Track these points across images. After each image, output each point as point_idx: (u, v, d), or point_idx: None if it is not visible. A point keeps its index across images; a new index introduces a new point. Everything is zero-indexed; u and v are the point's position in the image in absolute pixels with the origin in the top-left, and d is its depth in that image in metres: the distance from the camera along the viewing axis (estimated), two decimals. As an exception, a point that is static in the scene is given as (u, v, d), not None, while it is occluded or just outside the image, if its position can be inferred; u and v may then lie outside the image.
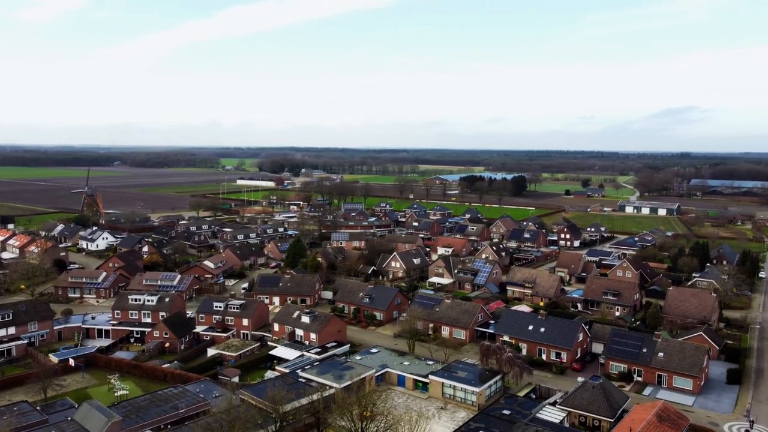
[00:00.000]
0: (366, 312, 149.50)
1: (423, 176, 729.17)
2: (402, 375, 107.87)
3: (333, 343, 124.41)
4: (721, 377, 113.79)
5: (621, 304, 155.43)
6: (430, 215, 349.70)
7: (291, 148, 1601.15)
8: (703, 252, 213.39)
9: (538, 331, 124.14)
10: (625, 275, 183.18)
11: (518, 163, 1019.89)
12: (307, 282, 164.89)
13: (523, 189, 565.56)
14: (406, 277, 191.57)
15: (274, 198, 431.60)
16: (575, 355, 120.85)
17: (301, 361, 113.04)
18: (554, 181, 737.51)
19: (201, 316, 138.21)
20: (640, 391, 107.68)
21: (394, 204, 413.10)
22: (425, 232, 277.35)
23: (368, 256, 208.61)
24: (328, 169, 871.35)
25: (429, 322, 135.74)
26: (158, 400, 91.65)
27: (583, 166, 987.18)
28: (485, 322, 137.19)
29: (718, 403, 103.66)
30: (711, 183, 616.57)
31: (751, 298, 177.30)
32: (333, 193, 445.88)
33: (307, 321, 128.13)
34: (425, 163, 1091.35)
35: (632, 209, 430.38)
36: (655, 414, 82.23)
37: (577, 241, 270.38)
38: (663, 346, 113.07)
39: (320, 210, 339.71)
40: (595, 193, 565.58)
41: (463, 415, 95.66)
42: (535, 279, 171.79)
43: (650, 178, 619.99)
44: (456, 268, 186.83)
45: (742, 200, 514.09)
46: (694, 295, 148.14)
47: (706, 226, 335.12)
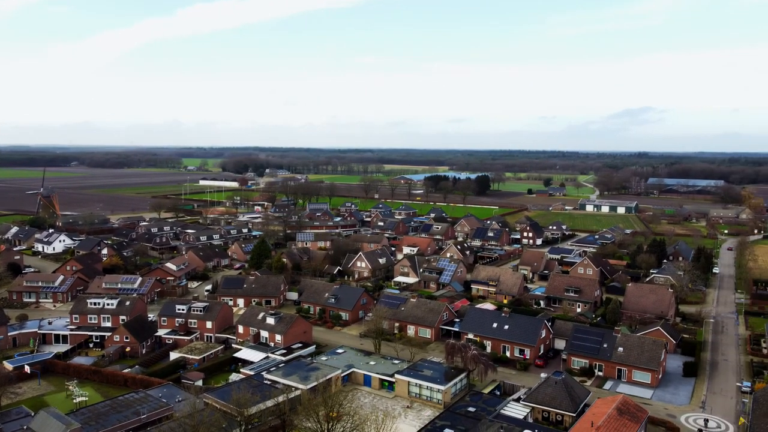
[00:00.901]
0: (332, 312, 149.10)
1: (388, 176, 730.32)
2: (368, 375, 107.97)
3: (298, 344, 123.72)
4: (677, 370, 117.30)
5: (582, 300, 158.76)
6: (395, 215, 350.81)
7: (255, 148, 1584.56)
8: (660, 249, 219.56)
9: (502, 329, 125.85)
10: (586, 272, 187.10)
11: (482, 162, 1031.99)
12: (272, 283, 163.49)
13: (487, 188, 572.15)
14: (371, 276, 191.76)
15: (238, 198, 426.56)
16: (538, 352, 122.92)
17: (266, 363, 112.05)
18: (517, 181, 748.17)
19: (163, 319, 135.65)
20: (601, 386, 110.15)
21: (359, 204, 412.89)
22: (390, 231, 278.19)
23: (334, 256, 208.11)
24: (293, 169, 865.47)
25: (395, 321, 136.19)
26: (119, 406, 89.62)
27: (545, 166, 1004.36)
28: (450, 321, 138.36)
29: (675, 395, 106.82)
30: (667, 182, 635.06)
31: (705, 293, 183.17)
32: (298, 194, 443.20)
33: (272, 322, 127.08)
34: (390, 162, 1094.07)
35: (592, 208, 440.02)
36: (615, 408, 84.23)
37: (539, 240, 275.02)
38: (623, 341, 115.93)
39: (285, 210, 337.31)
40: (557, 192, 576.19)
41: (429, 413, 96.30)
42: (498, 277, 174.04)
43: (609, 177, 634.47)
44: (421, 267, 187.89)
45: (697, 198, 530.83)
46: (652, 290, 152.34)
47: (662, 224, 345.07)
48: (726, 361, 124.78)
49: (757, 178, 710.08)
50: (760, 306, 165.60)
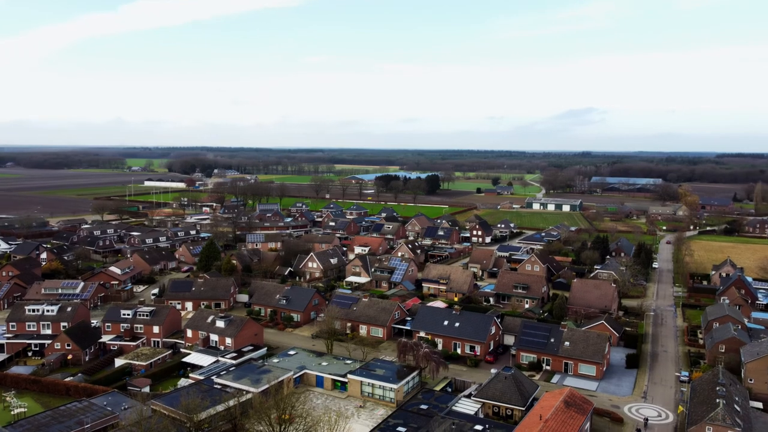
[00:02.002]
0: (283, 314, 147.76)
1: (339, 176, 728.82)
2: (320, 376, 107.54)
3: (249, 347, 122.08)
4: (621, 362, 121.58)
5: (530, 296, 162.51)
6: (346, 215, 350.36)
7: (202, 148, 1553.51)
8: (604, 245, 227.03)
9: (453, 326, 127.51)
10: (533, 269, 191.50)
11: (432, 162, 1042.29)
12: (221, 285, 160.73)
13: (437, 187, 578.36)
14: (323, 277, 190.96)
15: (186, 200, 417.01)
16: (488, 348, 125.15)
17: (216, 367, 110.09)
18: (466, 180, 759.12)
19: (107, 324, 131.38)
20: (548, 380, 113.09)
21: (310, 204, 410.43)
22: (342, 231, 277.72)
23: (285, 257, 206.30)
24: (242, 170, 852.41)
25: (347, 321, 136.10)
26: (61, 416, 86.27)
27: (493, 165, 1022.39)
28: (402, 319, 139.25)
29: (619, 386, 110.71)
30: (609, 180, 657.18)
31: (646, 287, 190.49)
32: (247, 194, 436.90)
33: (222, 325, 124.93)
34: (341, 162, 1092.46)
35: (539, 206, 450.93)
36: (562, 400, 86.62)
37: (488, 238, 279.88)
38: (569, 335, 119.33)
39: (234, 211, 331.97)
40: (505, 190, 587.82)
41: (382, 412, 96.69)
42: (449, 275, 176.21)
43: (555, 176, 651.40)
44: (373, 266, 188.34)
45: (637, 196, 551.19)
46: (596, 286, 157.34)
47: (605, 221, 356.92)
48: (665, 352, 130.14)
49: (692, 176, 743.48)
50: (696, 299, 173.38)
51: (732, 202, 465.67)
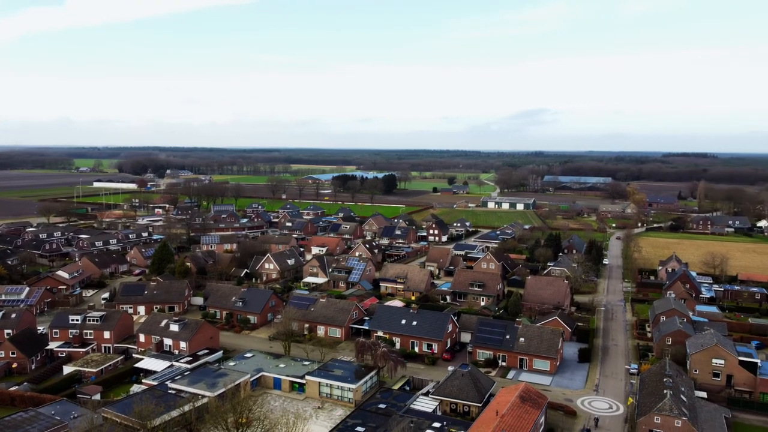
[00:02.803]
0: (239, 316, 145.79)
1: (295, 176, 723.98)
2: (278, 378, 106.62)
3: (205, 351, 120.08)
4: (573, 357, 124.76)
5: (486, 294, 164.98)
6: (303, 215, 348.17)
7: (154, 148, 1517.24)
8: (556, 243, 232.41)
9: (410, 325, 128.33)
10: (488, 267, 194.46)
11: (389, 162, 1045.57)
12: (175, 288, 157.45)
13: (394, 187, 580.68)
14: (280, 278, 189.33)
15: (137, 201, 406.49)
16: (446, 346, 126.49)
17: (170, 372, 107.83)
18: (423, 180, 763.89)
19: (55, 331, 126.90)
20: (504, 375, 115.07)
21: (266, 204, 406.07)
22: (299, 232, 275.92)
23: (241, 258, 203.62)
24: (196, 170, 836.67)
25: (304, 322, 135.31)
26: (5, 428, 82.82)
27: (449, 165, 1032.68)
28: (360, 319, 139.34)
29: (572, 380, 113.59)
30: (561, 179, 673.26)
31: (597, 283, 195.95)
32: (201, 195, 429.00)
33: (176, 329, 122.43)
34: (298, 162, 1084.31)
35: (494, 204, 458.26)
36: (518, 395, 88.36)
37: (444, 236, 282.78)
38: (524, 331, 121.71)
39: (188, 213, 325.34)
40: (460, 190, 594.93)
41: (340, 412, 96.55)
42: (406, 274, 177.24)
43: (509, 176, 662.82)
44: (330, 267, 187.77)
45: (588, 195, 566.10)
46: (549, 282, 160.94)
47: (558, 219, 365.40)
48: (616, 345, 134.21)
49: (640, 175, 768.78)
50: (644, 293, 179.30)
51: (677, 200, 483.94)
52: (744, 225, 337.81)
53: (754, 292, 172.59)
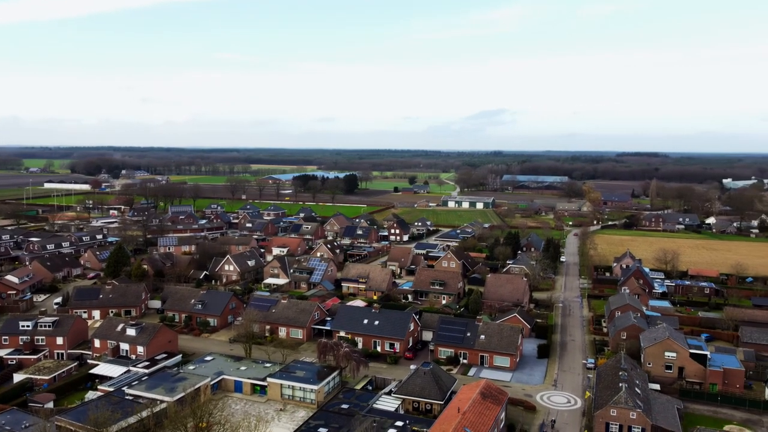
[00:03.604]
0: (199, 319, 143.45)
1: (255, 176, 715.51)
2: (239, 380, 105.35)
3: (163, 355, 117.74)
4: (533, 353, 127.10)
5: (447, 292, 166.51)
6: (263, 215, 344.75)
7: (108, 148, 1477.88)
8: (515, 241, 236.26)
9: (372, 325, 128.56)
10: (449, 266, 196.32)
11: (350, 161, 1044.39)
12: (131, 292, 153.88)
13: (355, 187, 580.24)
14: (240, 279, 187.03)
15: (91, 202, 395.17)
16: (407, 345, 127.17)
17: (127, 378, 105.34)
18: (384, 179, 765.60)
19: (4, 338, 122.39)
20: (465, 373, 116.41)
21: (225, 205, 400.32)
22: (259, 232, 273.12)
23: (200, 260, 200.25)
24: (153, 170, 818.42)
25: (266, 324, 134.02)
26: (-48, 439, 79.67)
27: (410, 164, 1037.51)
28: (322, 320, 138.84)
29: (531, 376, 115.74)
30: (520, 178, 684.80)
31: (554, 280, 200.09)
32: (158, 196, 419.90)
33: (133, 333, 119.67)
34: (257, 162, 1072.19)
35: (454, 204, 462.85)
36: (479, 392, 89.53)
37: (406, 236, 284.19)
38: (484, 329, 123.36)
39: (144, 214, 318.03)
40: (421, 189, 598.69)
41: (303, 414, 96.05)
42: (368, 274, 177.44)
43: (469, 175, 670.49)
44: (291, 267, 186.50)
45: (545, 193, 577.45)
46: (508, 280, 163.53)
47: (516, 218, 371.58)
48: (573, 341, 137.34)
49: (595, 174, 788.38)
50: (600, 290, 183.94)
51: (630, 198, 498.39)
52: (693, 222, 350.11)
53: (703, 287, 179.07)
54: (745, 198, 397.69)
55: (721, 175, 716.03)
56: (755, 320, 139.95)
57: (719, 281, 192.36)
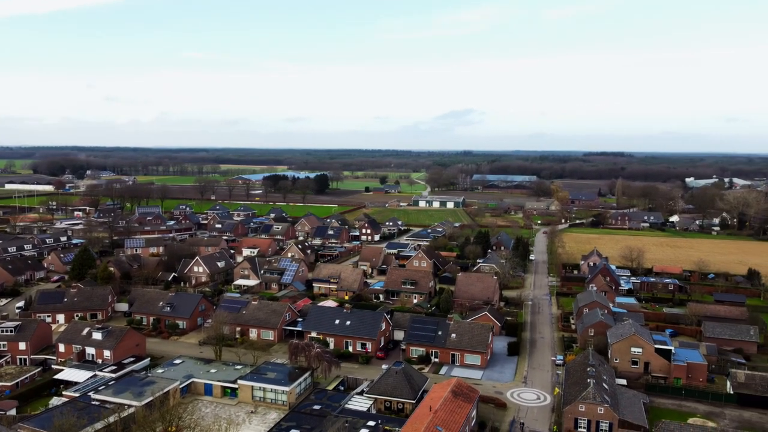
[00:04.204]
0: (167, 321, 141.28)
1: (225, 176, 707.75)
2: (209, 383, 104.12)
3: (131, 359, 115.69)
4: (503, 350, 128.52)
5: (418, 292, 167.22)
6: (233, 216, 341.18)
7: (73, 148, 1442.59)
8: (485, 240, 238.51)
9: (344, 325, 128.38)
10: (420, 265, 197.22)
11: (320, 161, 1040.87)
12: (97, 295, 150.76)
13: (326, 187, 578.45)
14: (210, 281, 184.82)
15: (54, 203, 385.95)
16: (379, 344, 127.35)
17: (93, 382, 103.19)
18: (355, 179, 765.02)
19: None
20: (437, 371, 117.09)
21: (194, 206, 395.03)
22: (229, 233, 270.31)
23: (168, 262, 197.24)
24: (119, 170, 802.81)
25: (236, 325, 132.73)
26: None
27: (381, 164, 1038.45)
28: (293, 321, 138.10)
29: (502, 373, 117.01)
30: (489, 178, 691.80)
31: (524, 278, 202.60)
32: (125, 197, 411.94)
33: (99, 337, 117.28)
34: (227, 162, 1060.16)
35: (425, 203, 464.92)
36: (450, 391, 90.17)
37: (377, 236, 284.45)
38: (455, 327, 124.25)
39: (110, 215, 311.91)
40: (392, 189, 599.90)
41: (274, 416, 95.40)
42: (339, 274, 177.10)
43: (439, 175, 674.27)
44: (262, 268, 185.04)
45: (515, 193, 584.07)
46: (479, 279, 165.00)
47: (486, 217, 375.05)
48: (542, 338, 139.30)
49: (563, 173, 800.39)
50: (568, 287, 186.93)
51: (597, 197, 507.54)
52: (658, 220, 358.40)
53: (667, 284, 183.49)
54: (707, 196, 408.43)
55: (684, 174, 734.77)
56: (717, 315, 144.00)
57: (682, 278, 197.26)
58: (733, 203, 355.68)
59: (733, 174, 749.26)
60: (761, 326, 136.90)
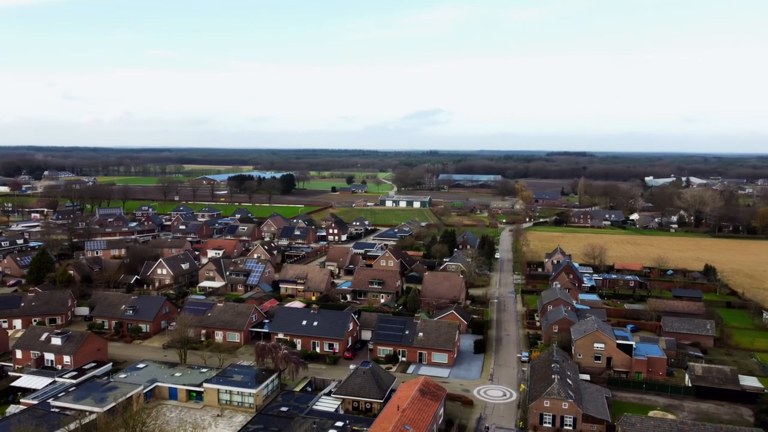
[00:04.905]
0: (130, 325, 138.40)
1: (189, 177, 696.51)
2: (174, 387, 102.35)
3: (92, 364, 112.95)
4: (469, 348, 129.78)
5: (385, 291, 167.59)
6: (198, 217, 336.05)
7: (29, 147, 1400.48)
8: (451, 239, 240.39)
9: (311, 326, 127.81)
10: (387, 264, 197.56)
11: (286, 161, 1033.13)
12: (56, 299, 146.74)
13: (292, 187, 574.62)
14: (174, 283, 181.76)
15: (10, 205, 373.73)
16: (347, 344, 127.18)
17: (53, 389, 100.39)
18: (321, 179, 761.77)
19: None
20: (405, 370, 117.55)
21: (157, 207, 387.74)
22: (193, 235, 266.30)
23: (130, 264, 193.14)
24: (78, 171, 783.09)
25: (201, 328, 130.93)
26: None
27: (347, 164, 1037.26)
28: (260, 322, 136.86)
29: (469, 371, 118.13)
30: (455, 177, 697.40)
31: (490, 277, 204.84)
32: (85, 198, 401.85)
33: (58, 343, 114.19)
34: (191, 162, 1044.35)
35: (391, 203, 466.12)
36: (417, 389, 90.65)
37: (344, 236, 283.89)
38: (422, 326, 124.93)
39: (70, 217, 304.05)
40: (359, 189, 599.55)
41: (241, 419, 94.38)
42: (306, 275, 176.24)
43: (406, 174, 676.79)
44: (228, 270, 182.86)
45: (480, 192, 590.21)
46: (445, 278, 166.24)
47: (452, 216, 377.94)
48: (508, 335, 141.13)
49: (527, 172, 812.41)
50: (533, 285, 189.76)
51: (560, 196, 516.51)
52: (619, 218, 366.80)
53: (628, 280, 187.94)
54: (666, 195, 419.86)
55: (643, 173, 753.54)
56: (676, 311, 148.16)
57: (643, 274, 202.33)
58: (690, 201, 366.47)
59: (690, 173, 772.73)
60: (717, 320, 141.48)
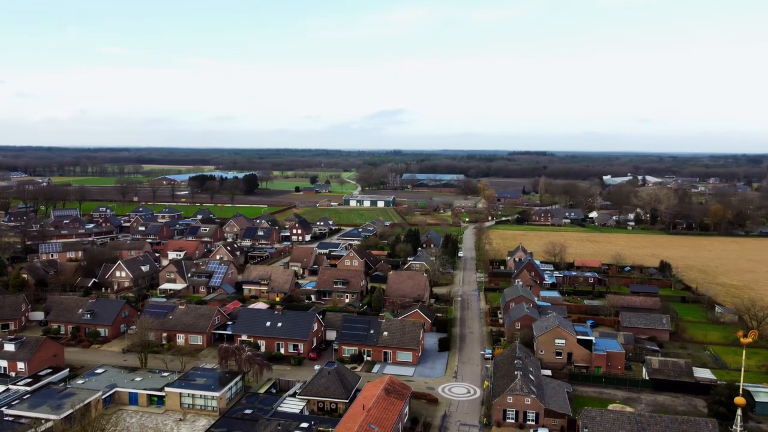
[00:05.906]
0: (88, 329, 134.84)
1: (148, 177, 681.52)
2: (134, 392, 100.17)
3: (48, 370, 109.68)
4: (434, 346, 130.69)
5: (350, 291, 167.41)
6: (158, 218, 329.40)
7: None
8: (415, 238, 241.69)
9: (275, 327, 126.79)
10: (352, 264, 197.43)
11: (249, 161, 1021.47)
12: (9, 304, 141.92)
13: (255, 187, 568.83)
14: (134, 286, 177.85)
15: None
16: (311, 345, 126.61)
17: (6, 397, 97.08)
18: (285, 179, 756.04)
19: None
20: (370, 370, 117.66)
21: (115, 208, 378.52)
22: (153, 236, 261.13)
23: (88, 267, 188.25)
24: (31, 171, 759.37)
25: (162, 331, 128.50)
26: None
27: (311, 164, 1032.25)
28: (223, 324, 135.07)
29: (433, 369, 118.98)
30: (419, 177, 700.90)
31: (453, 275, 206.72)
32: (39, 199, 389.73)
33: (12, 349, 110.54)
34: (150, 162, 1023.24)
35: (355, 203, 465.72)
36: (383, 388, 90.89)
37: (308, 236, 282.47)
38: (387, 326, 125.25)
39: (23, 219, 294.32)
40: (323, 189, 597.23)
41: (204, 422, 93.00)
42: (270, 275, 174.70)
43: (369, 174, 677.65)
44: (189, 271, 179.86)
45: (443, 191, 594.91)
46: (410, 276, 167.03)
47: (416, 215, 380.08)
48: (472, 333, 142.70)
49: (489, 172, 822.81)
50: (495, 282, 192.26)
51: (521, 195, 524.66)
52: (578, 216, 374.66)
53: (588, 277, 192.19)
54: (623, 193, 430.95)
55: (601, 172, 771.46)
56: (633, 306, 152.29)
57: (601, 271, 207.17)
58: (646, 199, 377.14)
59: (645, 172, 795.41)
60: (672, 315, 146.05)
